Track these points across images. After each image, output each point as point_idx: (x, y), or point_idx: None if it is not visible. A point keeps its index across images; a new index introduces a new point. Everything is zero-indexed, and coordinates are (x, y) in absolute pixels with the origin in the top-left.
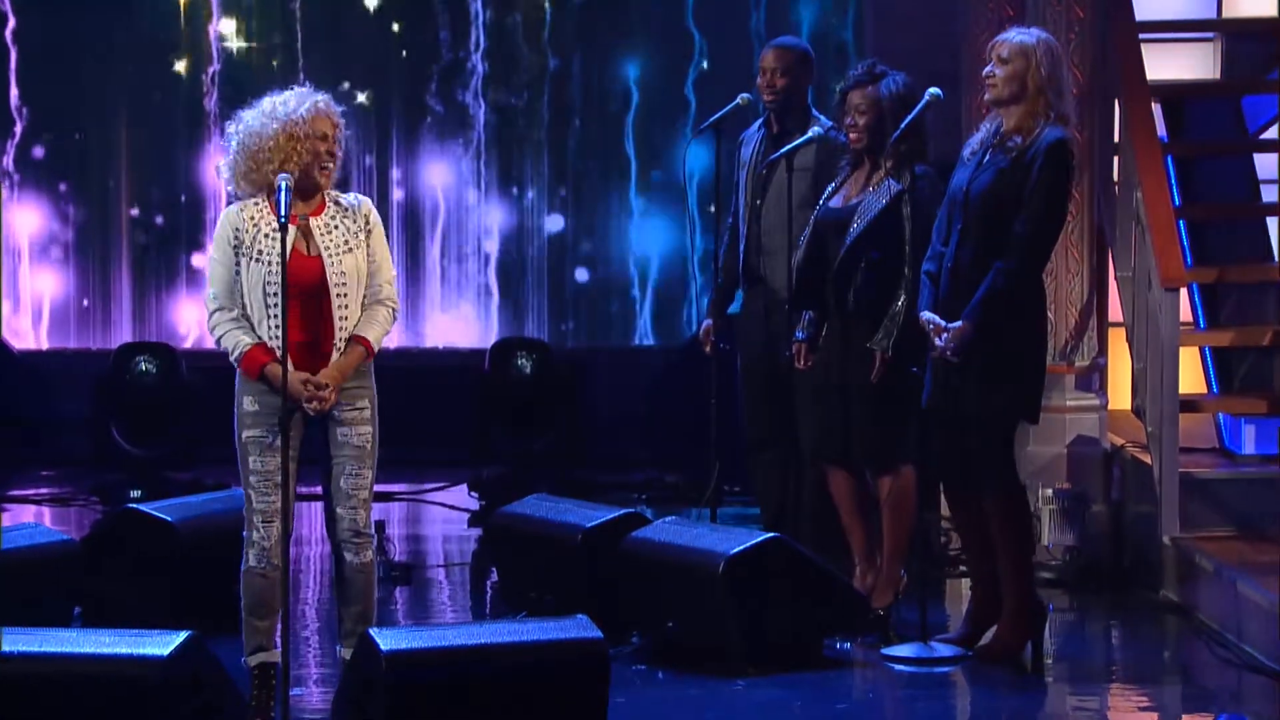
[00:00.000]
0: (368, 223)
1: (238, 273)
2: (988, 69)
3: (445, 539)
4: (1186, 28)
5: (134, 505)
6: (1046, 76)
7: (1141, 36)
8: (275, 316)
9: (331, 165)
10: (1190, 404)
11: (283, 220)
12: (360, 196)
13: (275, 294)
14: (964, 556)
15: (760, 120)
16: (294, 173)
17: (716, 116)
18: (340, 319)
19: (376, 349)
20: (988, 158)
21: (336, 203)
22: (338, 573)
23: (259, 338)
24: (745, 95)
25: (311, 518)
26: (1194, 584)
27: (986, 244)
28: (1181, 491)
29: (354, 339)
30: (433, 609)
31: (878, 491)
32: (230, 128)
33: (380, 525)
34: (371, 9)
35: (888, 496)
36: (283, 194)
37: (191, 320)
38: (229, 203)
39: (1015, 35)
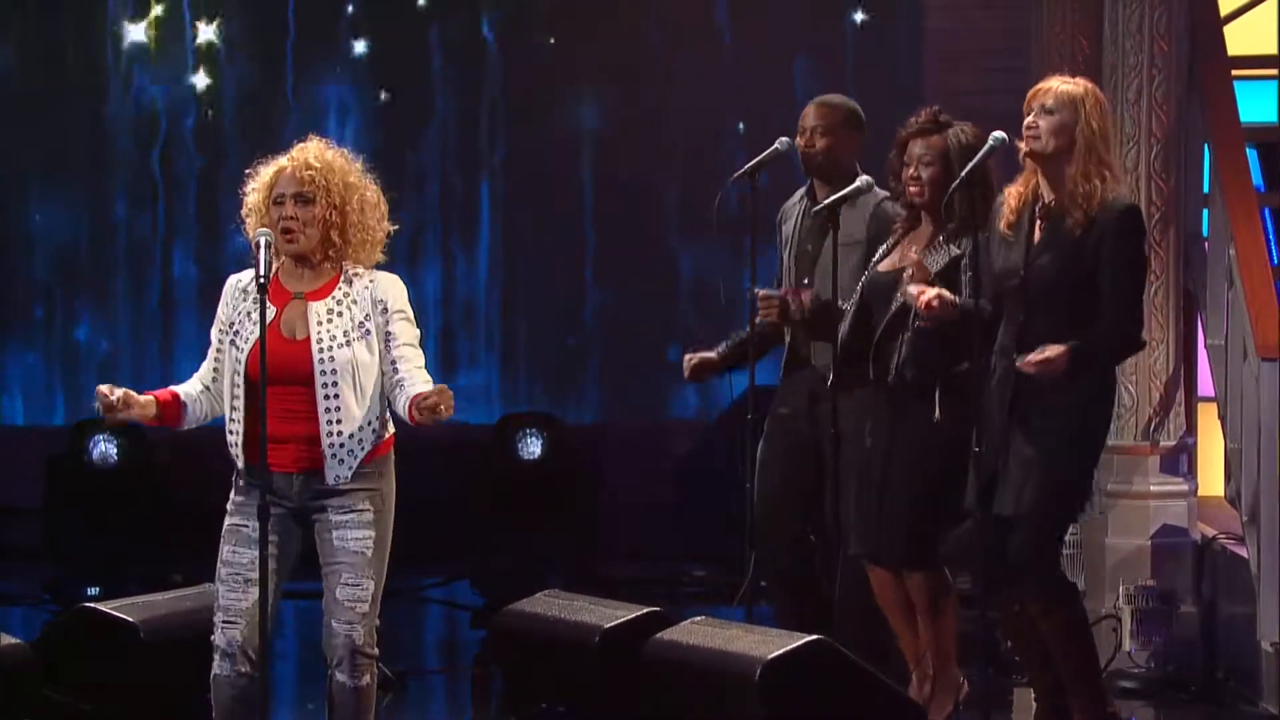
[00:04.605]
0: (385, 310)
1: (219, 351)
2: (1029, 119)
3: (444, 641)
4: None
5: (92, 604)
6: (1098, 130)
7: (1234, 73)
8: (235, 408)
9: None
10: None
11: (261, 281)
12: (387, 277)
13: (239, 384)
14: (1023, 669)
15: (802, 190)
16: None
17: (754, 163)
18: (327, 409)
19: None
20: (1040, 234)
21: (350, 283)
22: (329, 692)
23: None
24: (784, 139)
25: (295, 616)
26: None
27: (1056, 334)
28: None
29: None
30: None
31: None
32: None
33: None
34: None
35: (920, 598)
36: (262, 252)
37: None
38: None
39: (1059, 84)
